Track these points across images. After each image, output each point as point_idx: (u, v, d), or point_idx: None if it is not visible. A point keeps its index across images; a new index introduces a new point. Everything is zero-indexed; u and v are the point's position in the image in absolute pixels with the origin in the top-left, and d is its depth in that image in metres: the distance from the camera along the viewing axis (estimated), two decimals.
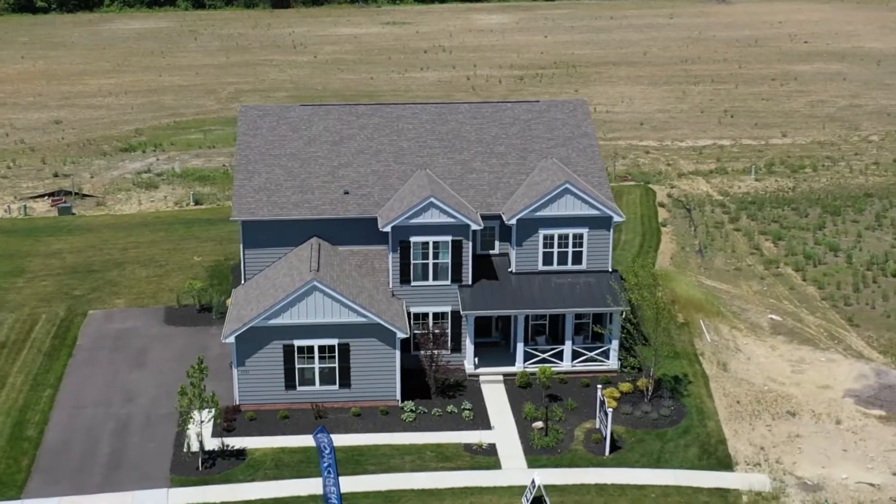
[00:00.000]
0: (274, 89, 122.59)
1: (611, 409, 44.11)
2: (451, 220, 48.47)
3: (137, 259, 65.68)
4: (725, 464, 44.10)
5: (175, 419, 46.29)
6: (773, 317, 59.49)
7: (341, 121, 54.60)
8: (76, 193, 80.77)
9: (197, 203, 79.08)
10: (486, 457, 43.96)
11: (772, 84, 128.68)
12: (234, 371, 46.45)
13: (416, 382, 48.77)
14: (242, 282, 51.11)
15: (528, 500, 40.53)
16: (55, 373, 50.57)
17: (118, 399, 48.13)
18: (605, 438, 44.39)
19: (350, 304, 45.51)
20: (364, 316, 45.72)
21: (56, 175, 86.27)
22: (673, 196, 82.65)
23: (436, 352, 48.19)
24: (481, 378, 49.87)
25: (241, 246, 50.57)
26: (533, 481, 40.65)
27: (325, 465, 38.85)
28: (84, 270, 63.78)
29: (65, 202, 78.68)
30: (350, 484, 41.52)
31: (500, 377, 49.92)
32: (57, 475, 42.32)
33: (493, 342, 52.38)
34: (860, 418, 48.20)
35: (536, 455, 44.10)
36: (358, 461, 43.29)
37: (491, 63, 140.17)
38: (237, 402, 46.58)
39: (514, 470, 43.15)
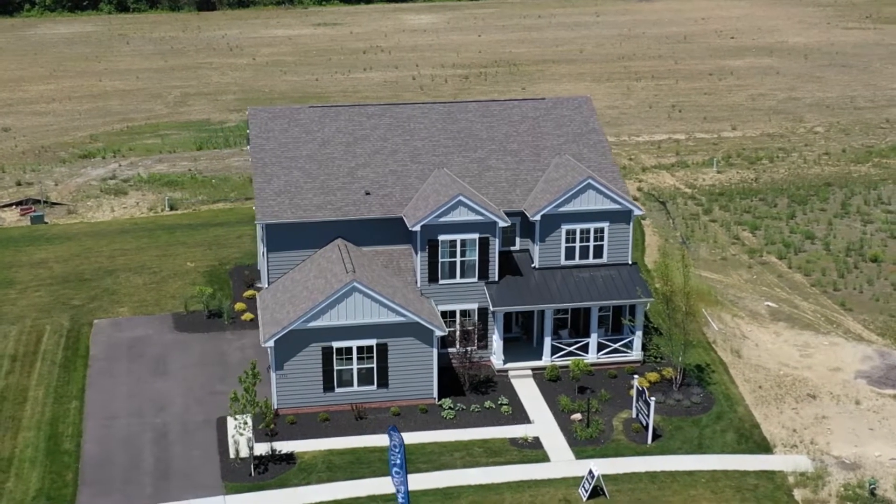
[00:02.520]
0: (220, 92, 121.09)
1: (653, 399, 45.01)
2: (479, 217, 48.82)
3: (128, 266, 64.46)
4: (764, 447, 45.36)
5: (213, 426, 45.81)
6: (770, 304, 61.19)
7: (352, 122, 54.50)
8: (45, 202, 78.81)
9: (172, 208, 77.86)
10: (534, 450, 44.46)
11: (710, 79, 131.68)
12: (273, 375, 46.09)
13: (447, 380, 48.97)
14: (266, 285, 50.68)
15: (586, 491, 41.15)
16: (76, 384, 49.49)
17: (149, 408, 47.33)
18: (646, 427, 45.25)
19: (390, 303, 45.55)
20: (403, 315, 45.80)
21: (19, 183, 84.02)
22: (644, 190, 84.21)
23: (469, 349, 48.51)
24: (510, 373, 50.34)
25: (265, 249, 50.17)
26: (591, 471, 41.26)
27: (396, 463, 38.88)
28: (76, 280, 62.37)
29: (35, 211, 76.71)
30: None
31: (529, 371, 50.45)
32: (106, 488, 41.51)
33: (514, 337, 52.87)
34: (876, 398, 49.97)
35: (581, 446, 44.75)
36: (409, 460, 43.32)
37: (432, 63, 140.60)
38: (275, 407, 46.19)
39: (564, 462, 43.74)
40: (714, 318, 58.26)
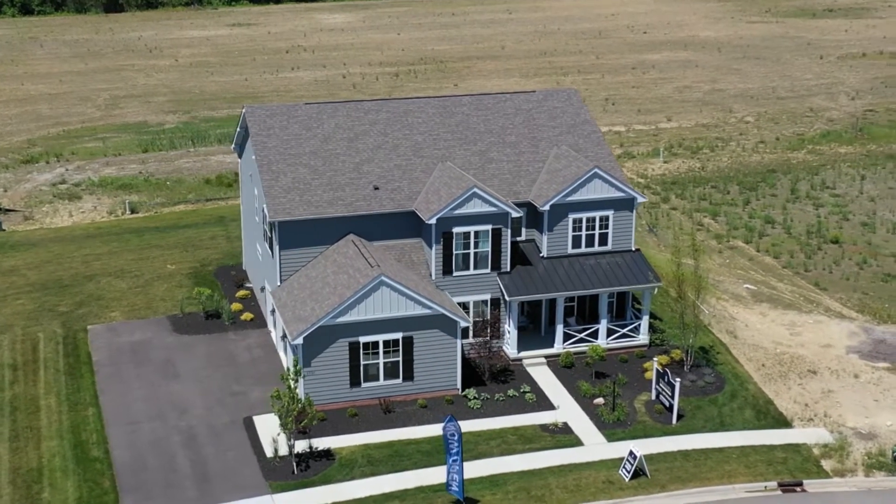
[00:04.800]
0: (150, 94, 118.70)
1: (678, 380, 46.20)
2: (493, 209, 49.32)
3: (106, 271, 62.94)
4: (783, 422, 46.97)
5: (241, 426, 45.33)
6: (749, 286, 63.17)
7: (350, 117, 54.39)
8: None
9: (133, 211, 76.25)
10: (565, 435, 45.19)
11: (634, 73, 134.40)
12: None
13: (465, 370, 49.18)
14: (278, 283, 50.18)
15: (628, 472, 42.04)
16: (87, 391, 48.31)
17: (170, 412, 46.50)
18: (670, 408, 46.40)
19: (417, 296, 45.73)
20: (429, 308, 46.03)
21: None
22: None
23: (491, 339, 48.97)
24: (524, 362, 50.97)
25: (277, 247, 49.71)
26: (632, 453, 42.17)
27: (452, 452, 39.06)
28: (55, 286, 60.68)
29: None
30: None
31: (542, 359, 51.16)
32: (148, 493, 40.73)
33: (521, 326, 53.43)
34: (872, 371, 52.14)
35: (611, 429, 45.64)
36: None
37: (359, 61, 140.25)
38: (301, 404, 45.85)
39: (597, 445, 44.57)
40: (701, 301, 59.85)
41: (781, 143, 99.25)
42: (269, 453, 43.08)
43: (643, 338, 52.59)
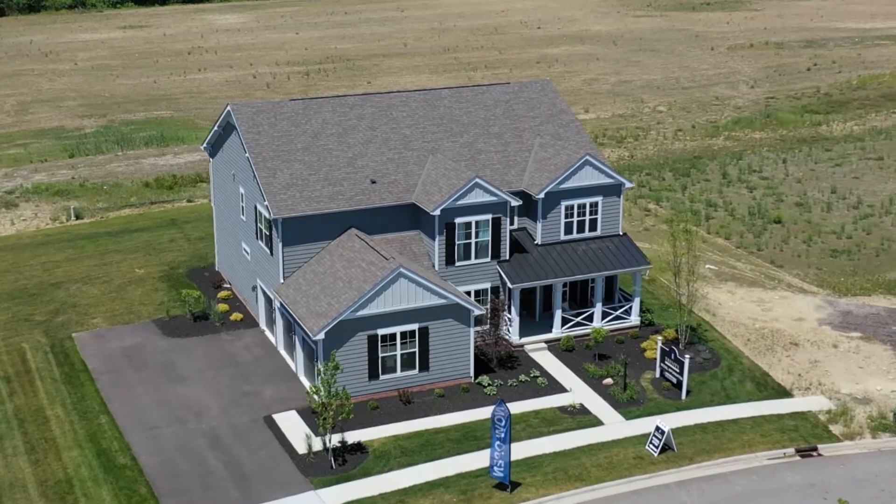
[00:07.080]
0: (59, 99, 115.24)
1: (688, 357, 47.83)
2: (493, 198, 50.05)
3: (72, 278, 61.20)
4: (783, 392, 49.07)
5: (263, 425, 44.93)
6: (711, 267, 65.49)
7: (336, 113, 54.33)
8: None
9: (79, 217, 74.19)
10: (585, 416, 46.25)
11: (539, 67, 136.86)
12: (318, 367, 45.60)
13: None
14: (280, 281, 49.79)
15: (656, 447, 43.37)
16: (93, 399, 47.07)
17: (186, 415, 45.72)
18: (678, 385, 47.98)
19: (433, 287, 46.12)
20: (445, 297, 46.49)
21: None
22: None
23: (502, 326, 49.71)
24: (526, 347, 51.88)
25: (280, 244, 49.35)
26: (659, 429, 43.50)
27: (500, 436, 39.57)
28: (23, 295, 58.74)
29: None
30: (482, 459, 42.38)
31: (543, 344, 52.16)
32: (189, 497, 40.05)
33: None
34: (848, 341, 54.85)
35: (626, 408, 46.92)
36: (475, 437, 44.21)
37: (265, 61, 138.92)
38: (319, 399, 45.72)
39: (617, 423, 45.79)
40: (694, 281, 61.75)
41: (699, 131, 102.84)
42: (300, 450, 42.86)
43: (634, 319, 54.12)
